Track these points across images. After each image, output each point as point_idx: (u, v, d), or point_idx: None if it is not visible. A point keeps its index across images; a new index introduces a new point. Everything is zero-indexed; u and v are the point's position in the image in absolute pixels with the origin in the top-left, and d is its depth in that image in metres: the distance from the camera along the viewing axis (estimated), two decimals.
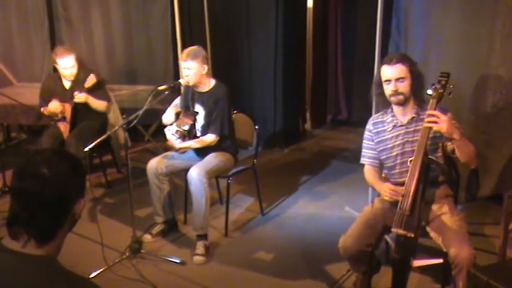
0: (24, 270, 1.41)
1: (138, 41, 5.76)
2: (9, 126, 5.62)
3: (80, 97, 4.14)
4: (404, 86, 2.69)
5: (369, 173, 2.91)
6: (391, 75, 2.69)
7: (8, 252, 1.44)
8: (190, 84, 3.59)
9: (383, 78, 2.74)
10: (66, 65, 4.19)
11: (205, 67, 3.58)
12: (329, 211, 4.15)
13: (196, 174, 3.43)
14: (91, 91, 4.20)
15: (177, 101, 3.91)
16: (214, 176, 3.71)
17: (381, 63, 2.80)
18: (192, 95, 3.72)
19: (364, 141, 2.94)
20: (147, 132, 5.59)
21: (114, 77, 5.79)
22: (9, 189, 1.48)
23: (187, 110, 3.74)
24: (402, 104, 2.74)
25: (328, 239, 3.60)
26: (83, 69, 4.31)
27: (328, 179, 4.79)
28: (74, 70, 4.24)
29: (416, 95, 2.75)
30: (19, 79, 5.99)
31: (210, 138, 3.62)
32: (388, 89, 2.72)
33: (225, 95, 3.63)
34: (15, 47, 6.08)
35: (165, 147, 3.80)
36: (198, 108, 3.68)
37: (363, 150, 2.95)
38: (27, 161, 1.47)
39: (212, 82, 3.66)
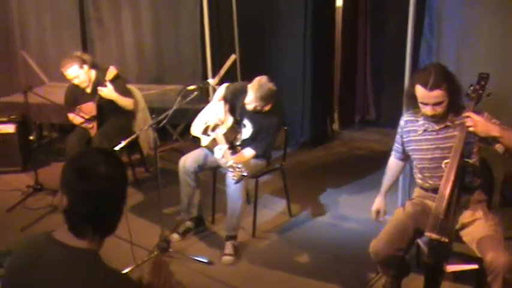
0: (71, 261, 1.48)
1: (167, 41, 5.80)
2: (41, 124, 5.73)
3: (102, 90, 4.12)
4: (442, 107, 2.57)
5: (388, 167, 3.01)
6: (428, 100, 2.56)
7: (56, 244, 1.50)
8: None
9: (418, 99, 2.61)
10: (72, 75, 4.17)
11: (271, 104, 3.57)
12: (357, 213, 4.08)
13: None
14: (113, 84, 4.19)
15: (214, 104, 3.80)
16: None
17: (415, 78, 2.64)
18: (243, 105, 3.64)
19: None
20: (175, 131, 5.67)
21: (143, 77, 5.85)
22: (73, 191, 1.52)
23: (235, 123, 3.70)
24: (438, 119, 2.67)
25: (357, 241, 3.56)
26: (100, 71, 4.32)
27: (356, 180, 4.73)
28: (82, 77, 4.20)
29: (453, 108, 2.63)
30: (51, 79, 6.11)
31: (250, 153, 3.61)
32: (424, 109, 2.61)
33: (278, 124, 3.66)
34: (48, 47, 6.20)
35: (197, 147, 3.77)
36: (247, 122, 3.67)
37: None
38: (83, 162, 1.51)
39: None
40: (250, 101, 3.53)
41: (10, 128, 4.95)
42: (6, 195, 4.49)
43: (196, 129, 3.72)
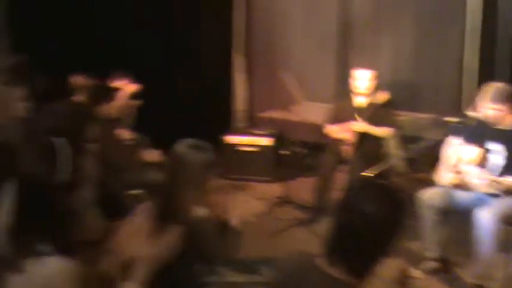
0: None
1: (427, 68, 5.60)
2: (294, 141, 6.14)
3: (355, 125, 4.17)
4: None
5: None
6: None
7: (316, 269, 1.53)
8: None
9: None
10: (361, 76, 4.29)
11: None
12: None
13: (487, 217, 3.14)
14: (380, 110, 4.21)
15: (454, 145, 3.56)
16: (507, 221, 3.32)
17: None
18: (484, 130, 3.43)
19: None
20: (422, 161, 5.42)
21: (395, 102, 5.78)
22: (335, 219, 1.59)
23: (481, 153, 3.42)
24: None
25: None
26: (375, 94, 4.35)
27: None
28: (367, 83, 4.29)
29: None
30: (307, 99, 6.50)
31: None
32: None
33: None
34: (306, 69, 6.61)
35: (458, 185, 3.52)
36: (494, 146, 3.39)
37: None
38: (356, 194, 1.54)
39: None
40: (486, 105, 3.28)
41: (268, 141, 5.43)
42: (258, 203, 4.87)
43: (444, 178, 3.51)
